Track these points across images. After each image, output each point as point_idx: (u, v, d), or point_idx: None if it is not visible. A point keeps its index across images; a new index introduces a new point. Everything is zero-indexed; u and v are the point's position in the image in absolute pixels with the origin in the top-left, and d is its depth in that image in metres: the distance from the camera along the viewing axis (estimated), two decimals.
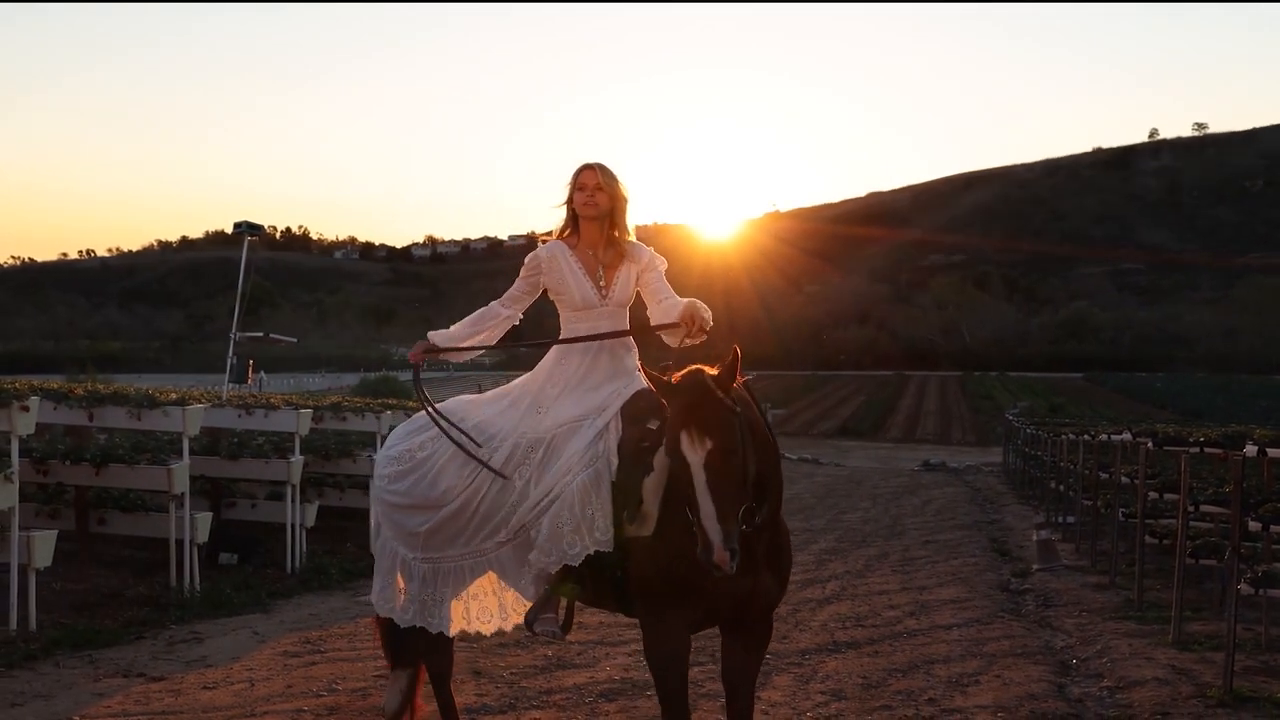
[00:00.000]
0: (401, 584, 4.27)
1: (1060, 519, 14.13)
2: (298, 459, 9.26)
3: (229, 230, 15.29)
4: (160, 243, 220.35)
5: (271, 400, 10.93)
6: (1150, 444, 8.61)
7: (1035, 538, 11.43)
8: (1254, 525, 6.45)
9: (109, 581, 8.27)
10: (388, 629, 4.42)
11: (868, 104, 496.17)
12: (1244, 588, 6.08)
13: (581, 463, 3.89)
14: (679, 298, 4.20)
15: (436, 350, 4.39)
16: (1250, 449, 6.62)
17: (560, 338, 4.27)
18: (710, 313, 4.08)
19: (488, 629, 4.37)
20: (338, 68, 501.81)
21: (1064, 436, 15.51)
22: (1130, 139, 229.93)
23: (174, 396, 8.80)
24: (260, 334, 17.80)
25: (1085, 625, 7.96)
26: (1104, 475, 11.28)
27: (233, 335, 13.80)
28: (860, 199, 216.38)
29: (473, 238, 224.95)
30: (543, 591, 3.92)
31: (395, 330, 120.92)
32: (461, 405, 4.37)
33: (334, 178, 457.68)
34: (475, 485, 4.06)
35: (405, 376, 65.27)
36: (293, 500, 9.29)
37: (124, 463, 8.08)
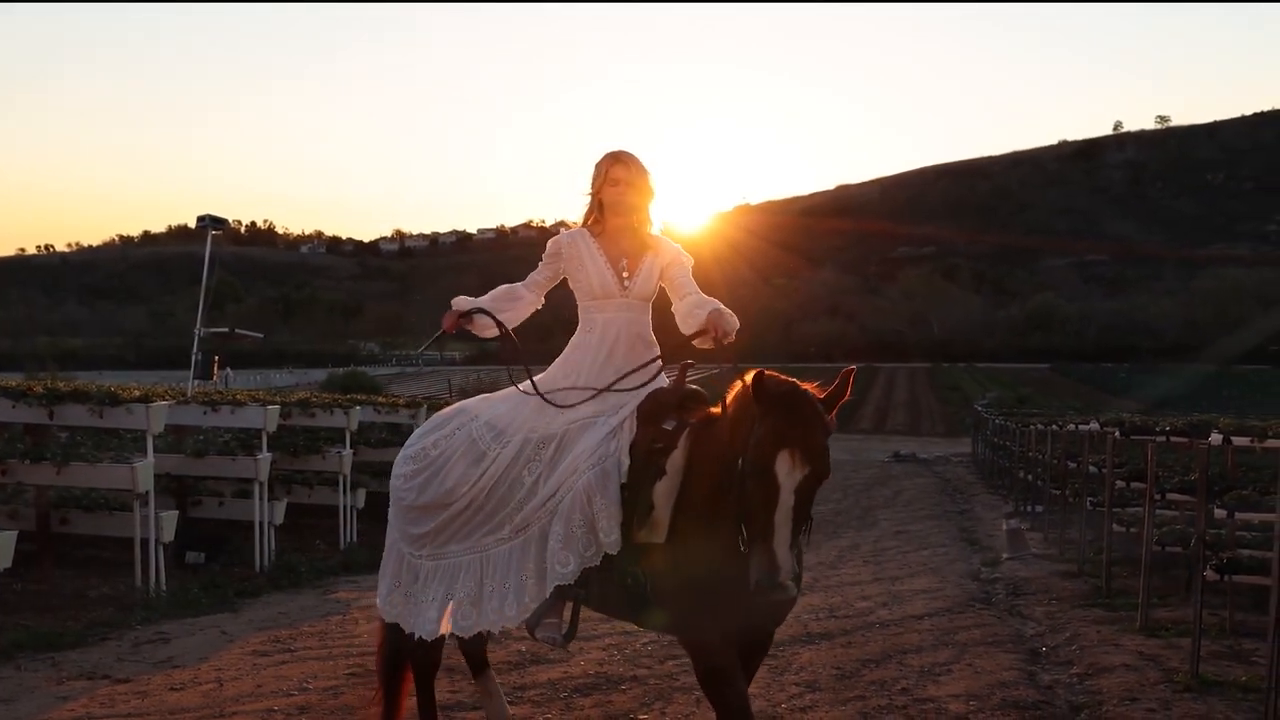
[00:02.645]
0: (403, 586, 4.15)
1: (1029, 508, 14.26)
2: (265, 456, 9.15)
3: (192, 224, 15.12)
4: (121, 237, 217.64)
5: (238, 396, 10.81)
6: (1117, 433, 8.70)
7: (1004, 527, 11.53)
8: (1219, 513, 6.53)
9: (72, 582, 8.15)
10: (392, 633, 4.28)
11: (837, 97, 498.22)
12: (1210, 574, 6.15)
13: (589, 461, 3.74)
14: (704, 295, 4.05)
15: (468, 316, 4.16)
16: (1215, 437, 6.70)
17: (578, 331, 4.15)
18: (735, 319, 3.92)
19: (467, 633, 4.06)
20: (303, 60, 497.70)
21: (1032, 427, 15.66)
22: (1095, 132, 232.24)
23: (137, 393, 8.67)
24: (226, 330, 17.66)
25: (1054, 613, 8.03)
26: (1072, 465, 11.39)
27: (198, 331, 13.68)
28: (829, 191, 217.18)
29: (441, 231, 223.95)
30: (547, 595, 3.74)
31: (363, 325, 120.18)
32: (475, 404, 4.25)
33: (300, 171, 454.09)
34: (483, 482, 3.92)
35: (375, 371, 65.02)
36: (261, 498, 9.18)
37: (86, 461, 7.95)
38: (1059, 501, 11.91)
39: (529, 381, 4.04)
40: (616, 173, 4.08)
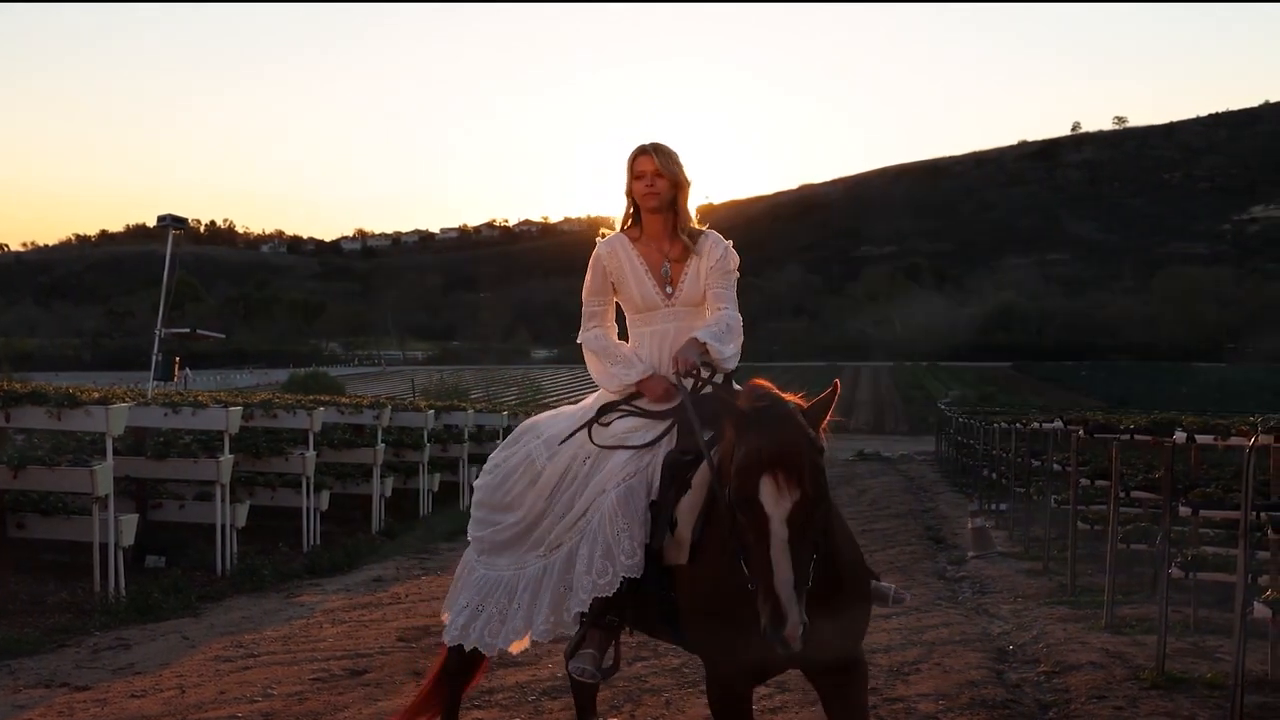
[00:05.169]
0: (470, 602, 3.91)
1: (993, 506, 14.36)
2: (227, 458, 9.03)
3: (150, 223, 14.90)
4: (78, 237, 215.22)
5: (199, 398, 10.66)
6: (1081, 432, 8.75)
7: (970, 525, 11.59)
8: (1184, 510, 6.59)
9: (29, 588, 7.97)
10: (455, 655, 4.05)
11: (800, 96, 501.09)
12: (1175, 572, 6.20)
13: (617, 478, 3.49)
14: (725, 312, 3.76)
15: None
16: (1180, 435, 6.74)
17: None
18: (724, 345, 3.63)
19: (487, 650, 3.85)
20: (263, 57, 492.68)
21: (996, 425, 15.79)
22: (1054, 132, 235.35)
23: (96, 395, 8.51)
24: (187, 329, 17.40)
25: (1021, 611, 8.08)
26: (1036, 463, 11.48)
27: (158, 331, 13.46)
28: (792, 191, 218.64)
29: (404, 231, 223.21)
30: (565, 619, 3.50)
31: (325, 325, 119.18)
32: (546, 418, 4.03)
33: (260, 169, 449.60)
34: (535, 501, 3.73)
35: (337, 371, 64.60)
36: (222, 500, 9.06)
37: (44, 464, 7.79)
38: (1023, 499, 12.00)
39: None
40: (641, 165, 3.78)
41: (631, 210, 3.89)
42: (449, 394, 39.20)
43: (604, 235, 3.95)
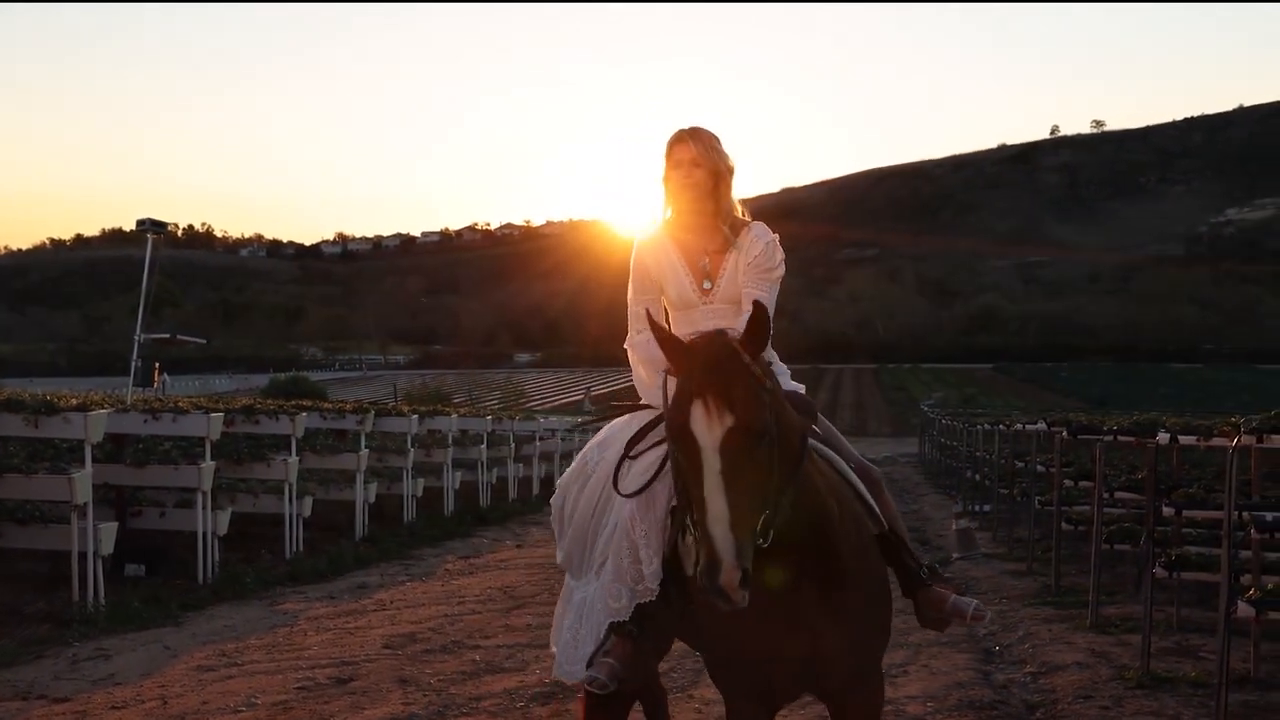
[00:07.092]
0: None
1: (977, 508, 14.40)
2: (209, 464, 8.93)
3: (126, 227, 14.82)
4: (53, 241, 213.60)
5: (179, 403, 10.55)
6: (1065, 433, 8.78)
7: (954, 527, 11.62)
8: (1167, 510, 6.61)
9: (5, 598, 7.85)
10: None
11: (781, 99, 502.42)
12: (1159, 572, 6.22)
13: (641, 480, 3.25)
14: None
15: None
16: (1163, 436, 6.77)
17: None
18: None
19: (568, 679, 3.61)
20: (242, 58, 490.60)
21: (979, 427, 15.84)
22: (1033, 136, 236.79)
23: (74, 402, 8.42)
24: (167, 335, 17.24)
25: (1006, 612, 8.10)
26: (1020, 464, 11.52)
27: (137, 337, 13.33)
28: (774, 194, 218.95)
29: (384, 234, 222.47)
30: (601, 632, 3.27)
31: (305, 329, 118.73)
32: (612, 425, 3.75)
33: (239, 172, 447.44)
34: (584, 504, 3.51)
35: (317, 376, 64.24)
36: (204, 507, 8.96)
37: (21, 472, 7.68)
38: (1007, 501, 12.04)
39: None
40: (679, 153, 3.47)
41: (668, 202, 3.59)
42: (431, 398, 39.05)
43: (641, 230, 3.69)
